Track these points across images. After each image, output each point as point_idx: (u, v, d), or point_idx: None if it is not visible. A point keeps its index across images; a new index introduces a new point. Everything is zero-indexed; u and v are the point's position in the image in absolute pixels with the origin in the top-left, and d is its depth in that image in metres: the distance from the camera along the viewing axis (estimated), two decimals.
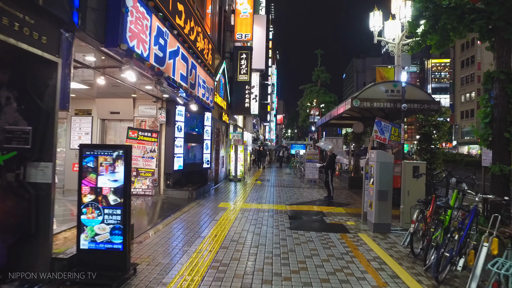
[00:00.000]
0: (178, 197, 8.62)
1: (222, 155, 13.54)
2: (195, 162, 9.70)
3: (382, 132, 7.35)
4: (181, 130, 8.93)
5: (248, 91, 14.61)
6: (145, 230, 5.31)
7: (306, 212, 7.46)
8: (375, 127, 7.41)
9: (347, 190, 11.88)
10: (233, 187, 11.76)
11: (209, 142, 10.49)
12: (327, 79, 30.10)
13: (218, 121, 12.35)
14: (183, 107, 8.91)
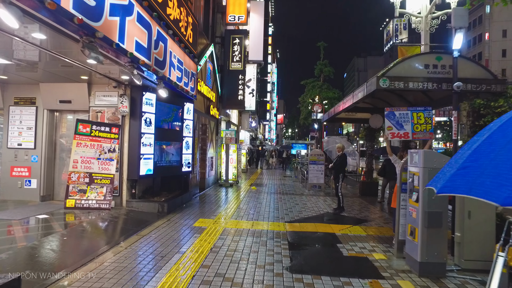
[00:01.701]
0: (146, 210, 6.64)
1: (211, 155, 11.56)
2: (171, 165, 7.72)
3: (400, 126, 5.28)
4: (151, 124, 6.95)
5: (242, 81, 12.63)
6: (56, 280, 3.33)
7: (312, 234, 5.48)
8: (386, 122, 5.42)
9: (359, 198, 9.89)
10: (222, 195, 9.76)
11: (190, 140, 8.51)
12: (331, 73, 28.03)
13: (204, 115, 10.37)
14: (153, 94, 6.94)
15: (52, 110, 7.15)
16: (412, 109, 5.34)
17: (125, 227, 5.48)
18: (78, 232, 4.88)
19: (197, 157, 9.56)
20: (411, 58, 4.97)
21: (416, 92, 6.80)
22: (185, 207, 7.50)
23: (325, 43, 28.30)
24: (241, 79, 12.60)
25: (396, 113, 5.42)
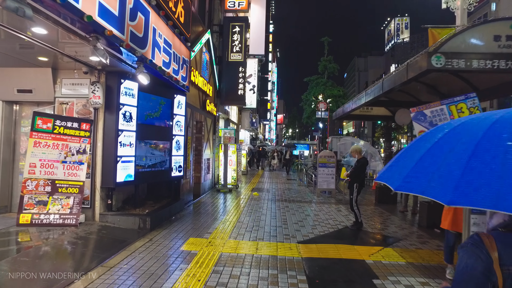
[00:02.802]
0: (124, 226, 5.34)
1: (207, 157, 10.27)
2: (157, 169, 6.42)
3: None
4: (131, 119, 5.66)
5: (243, 74, 11.34)
6: None
7: (335, 263, 4.18)
8: (416, 126, 4.17)
9: (376, 206, 8.60)
10: (219, 203, 8.46)
11: (181, 139, 7.21)
12: (335, 70, 26.72)
13: (199, 111, 9.08)
14: (135, 83, 5.65)
15: (10, 102, 5.85)
16: (448, 102, 4.06)
17: (90, 253, 4.17)
18: (17, 264, 3.57)
19: (191, 159, 8.26)
20: (475, 28, 3.69)
21: (453, 80, 5.54)
22: (174, 221, 6.20)
23: (329, 38, 27.02)
24: (241, 72, 11.31)
25: (427, 112, 4.15)
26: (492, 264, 0.90)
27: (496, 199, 0.76)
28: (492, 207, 0.76)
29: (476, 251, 0.94)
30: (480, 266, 0.92)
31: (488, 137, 0.88)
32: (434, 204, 6.36)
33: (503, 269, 0.89)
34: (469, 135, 0.94)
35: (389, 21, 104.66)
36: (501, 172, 0.78)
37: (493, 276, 0.90)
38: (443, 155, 0.93)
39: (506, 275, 0.88)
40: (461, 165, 0.85)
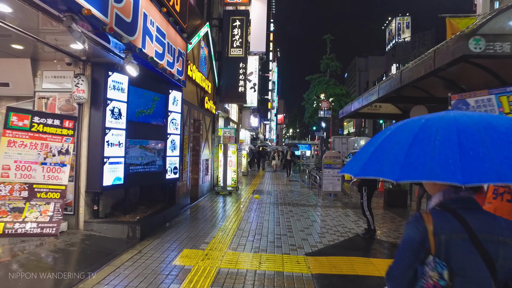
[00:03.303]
0: (111, 235, 4.79)
1: (206, 157, 9.71)
2: (150, 170, 5.86)
3: None
4: (121, 116, 5.11)
5: (243, 70, 10.79)
6: None
7: (351, 282, 3.62)
8: None
9: (385, 210, 8.04)
10: (218, 207, 7.90)
11: (177, 138, 6.66)
12: (338, 68, 26.10)
13: (197, 109, 8.52)
14: (124, 76, 5.10)
15: None
16: (498, 91, 3.52)
17: (67, 270, 3.61)
18: None
19: (188, 160, 7.71)
20: None
21: (476, 73, 4.97)
22: (168, 228, 5.64)
23: (331, 35, 26.41)
24: (242, 68, 10.75)
25: (470, 101, 3.63)
26: (428, 234, 1.15)
27: (429, 173, 1.02)
28: (426, 179, 1.02)
29: (416, 225, 1.18)
30: (418, 237, 1.16)
31: (422, 130, 1.16)
32: None
33: (435, 237, 1.13)
34: (410, 130, 1.21)
35: (390, 20, 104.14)
36: (432, 154, 1.05)
37: (427, 243, 1.14)
38: (391, 146, 1.19)
39: (437, 242, 1.13)
40: (404, 152, 1.12)
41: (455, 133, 1.07)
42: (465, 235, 1.11)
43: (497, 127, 1.08)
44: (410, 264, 1.17)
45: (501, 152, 0.99)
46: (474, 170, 0.96)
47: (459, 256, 1.10)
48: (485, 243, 1.10)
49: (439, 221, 1.15)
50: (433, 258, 1.11)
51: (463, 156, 0.99)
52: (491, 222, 1.14)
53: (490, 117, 1.17)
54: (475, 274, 1.09)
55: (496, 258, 1.09)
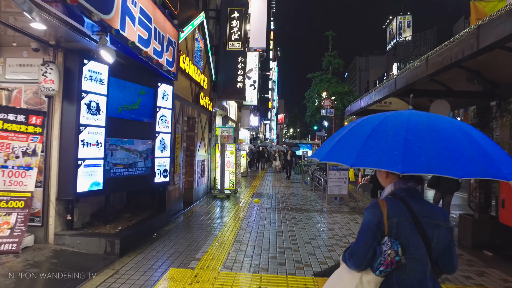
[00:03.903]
0: (86, 250, 4.10)
1: (202, 158, 9.02)
2: (135, 174, 5.16)
3: None
4: (99, 112, 4.42)
5: (242, 65, 10.09)
6: None
7: None
8: None
9: None
10: (214, 213, 7.21)
11: (168, 137, 5.96)
12: (340, 66, 25.33)
13: (192, 106, 7.82)
14: (104, 66, 4.41)
15: None
16: None
17: None
18: None
19: (180, 161, 7.01)
20: None
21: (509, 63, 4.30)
22: (156, 239, 4.94)
23: (333, 32, 25.64)
24: (240, 62, 10.06)
25: None
26: (383, 217, 1.34)
27: (377, 162, 1.20)
28: (374, 166, 1.20)
29: (374, 210, 1.38)
30: (376, 220, 1.35)
31: (380, 125, 1.34)
32: (480, 219, 5.12)
33: (389, 220, 1.33)
34: (370, 124, 1.39)
35: (391, 19, 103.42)
36: (383, 146, 1.23)
37: (382, 225, 1.34)
38: (352, 137, 1.38)
39: (390, 224, 1.33)
40: (361, 142, 1.30)
41: (405, 129, 1.27)
42: (410, 218, 1.34)
43: (438, 127, 1.28)
44: (370, 243, 1.35)
45: (435, 148, 1.18)
46: (412, 162, 1.16)
47: (405, 236, 1.33)
48: (425, 225, 1.34)
49: (391, 207, 1.36)
50: (388, 238, 1.32)
51: (406, 150, 1.19)
52: (430, 209, 1.38)
53: (437, 118, 1.36)
54: (416, 251, 1.32)
55: (432, 238, 1.33)
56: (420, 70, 3.96)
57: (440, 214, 1.38)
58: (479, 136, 1.28)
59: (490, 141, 1.29)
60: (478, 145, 1.22)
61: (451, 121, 1.34)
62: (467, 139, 1.23)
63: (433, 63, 3.61)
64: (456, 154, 1.16)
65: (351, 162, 1.26)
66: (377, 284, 1.35)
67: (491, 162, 1.17)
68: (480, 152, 1.19)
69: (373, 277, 1.35)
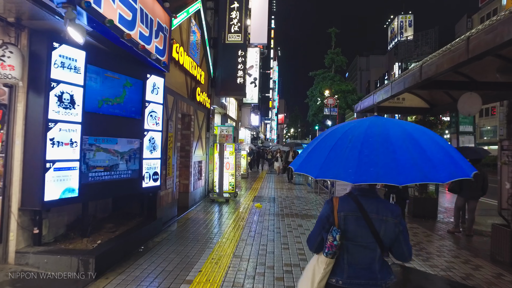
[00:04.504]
0: (54, 270, 3.41)
1: (198, 159, 8.33)
2: (119, 178, 4.47)
3: None
4: (74, 105, 3.75)
5: (242, 59, 9.40)
6: None
7: None
8: None
9: (411, 223, 6.67)
10: (211, 221, 6.53)
11: (158, 136, 5.28)
12: (343, 64, 24.59)
13: (187, 101, 7.13)
14: (81, 51, 3.75)
15: None
16: None
17: None
18: None
19: (174, 162, 6.32)
20: None
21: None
22: (142, 254, 4.26)
23: (336, 29, 24.89)
24: (240, 56, 9.37)
25: None
26: (333, 211, 1.64)
27: (336, 174, 1.40)
28: (334, 178, 1.42)
29: (326, 205, 1.70)
30: (326, 213, 1.68)
31: (341, 138, 1.52)
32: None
33: (338, 214, 1.62)
34: (334, 135, 1.59)
35: (392, 18, 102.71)
36: (341, 159, 1.41)
37: (331, 218, 1.64)
38: (320, 149, 1.56)
39: (339, 217, 1.62)
40: (325, 155, 1.49)
41: (360, 142, 1.44)
42: (359, 213, 1.61)
43: (391, 138, 1.45)
44: (319, 231, 1.70)
45: (384, 159, 1.36)
46: (363, 173, 1.34)
47: (353, 227, 1.61)
48: (373, 219, 1.60)
49: (342, 203, 1.65)
50: (332, 228, 1.62)
51: (359, 162, 1.36)
52: (379, 206, 1.63)
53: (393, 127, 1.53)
54: (363, 240, 1.60)
55: (379, 230, 1.59)
56: (457, 54, 3.27)
57: (389, 211, 1.62)
58: (427, 143, 1.43)
59: (438, 145, 1.44)
60: (424, 152, 1.38)
61: (404, 130, 1.50)
62: (415, 147, 1.40)
63: (478, 42, 2.91)
64: (401, 163, 1.33)
65: (315, 174, 1.47)
66: (328, 264, 1.62)
67: (433, 167, 1.34)
68: (424, 159, 1.35)
69: (323, 258, 1.63)
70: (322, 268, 1.64)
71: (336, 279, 1.63)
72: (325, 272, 1.63)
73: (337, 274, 1.64)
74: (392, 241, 1.63)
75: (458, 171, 1.35)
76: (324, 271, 1.63)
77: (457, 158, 1.41)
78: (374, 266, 1.61)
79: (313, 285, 1.65)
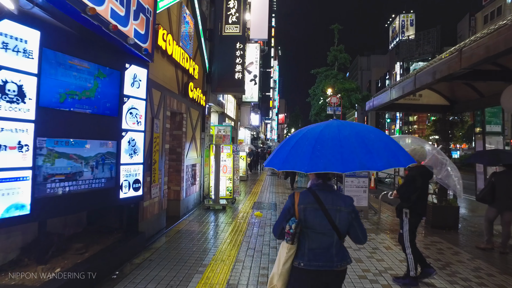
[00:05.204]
0: None
1: (192, 162, 7.54)
2: (89, 188, 3.67)
3: None
4: (23, 99, 2.94)
5: (241, 52, 8.60)
6: None
7: None
8: None
9: (431, 234, 5.87)
10: (204, 233, 5.74)
11: (140, 137, 4.47)
12: (347, 61, 23.73)
13: (178, 98, 6.33)
14: (34, 30, 2.95)
15: None
16: None
17: None
18: None
19: (162, 167, 5.52)
20: None
21: None
22: (113, 283, 3.46)
23: (339, 25, 24.03)
24: (239, 49, 8.57)
25: None
26: (294, 204, 1.91)
27: (293, 166, 1.71)
28: (292, 169, 1.71)
29: (289, 199, 1.96)
30: (288, 205, 1.95)
31: (301, 137, 1.83)
32: None
33: (298, 206, 1.89)
34: (295, 136, 1.90)
35: (393, 18, 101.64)
36: (299, 154, 1.72)
37: (292, 209, 1.91)
38: (284, 147, 1.88)
39: (299, 209, 1.88)
40: (287, 152, 1.80)
41: (315, 140, 1.74)
42: (317, 205, 1.87)
43: (340, 136, 1.74)
44: (281, 221, 1.95)
45: (331, 153, 1.65)
46: (314, 164, 1.64)
47: (312, 217, 1.86)
48: (329, 210, 1.86)
49: (302, 197, 1.91)
50: (291, 218, 1.87)
51: (312, 155, 1.66)
52: (334, 198, 1.90)
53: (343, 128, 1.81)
54: (321, 228, 1.85)
55: (335, 219, 1.85)
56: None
57: (342, 202, 1.90)
58: (371, 139, 1.72)
59: (381, 141, 1.74)
60: (365, 146, 1.66)
61: (353, 129, 1.79)
62: (358, 143, 1.69)
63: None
64: (345, 155, 1.62)
65: (278, 167, 1.81)
66: (290, 249, 1.87)
67: (371, 158, 1.62)
68: (364, 151, 1.64)
69: (285, 244, 1.89)
70: (285, 252, 1.87)
71: (298, 262, 1.87)
72: (288, 256, 1.87)
73: (299, 258, 1.87)
74: (347, 228, 1.89)
75: (393, 161, 1.65)
76: (287, 255, 1.87)
77: (395, 151, 1.70)
78: (332, 251, 1.85)
79: (279, 267, 1.89)
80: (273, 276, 1.93)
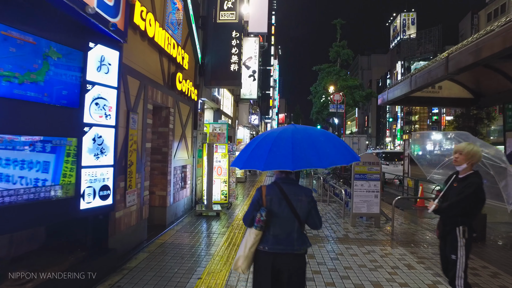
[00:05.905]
0: None
1: (181, 164, 6.71)
2: (36, 198, 2.84)
3: None
4: None
5: (237, 42, 7.77)
6: None
7: None
8: None
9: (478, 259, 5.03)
10: (191, 249, 4.92)
11: (110, 133, 3.64)
12: (349, 58, 22.88)
13: (163, 90, 5.50)
14: None
15: None
16: None
17: None
18: None
19: (142, 169, 4.69)
20: None
21: None
22: None
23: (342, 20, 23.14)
24: (235, 38, 7.74)
25: None
26: (262, 196, 2.14)
27: (254, 165, 2.00)
28: (252, 168, 2.05)
29: (257, 192, 2.18)
30: (256, 197, 2.17)
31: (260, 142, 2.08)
32: None
33: (266, 197, 2.13)
34: (255, 140, 2.15)
35: (394, 16, 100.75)
36: (264, 155, 1.93)
37: (260, 200, 2.14)
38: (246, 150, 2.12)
39: (266, 200, 2.12)
40: (248, 153, 2.05)
41: (271, 143, 1.97)
42: (281, 196, 2.11)
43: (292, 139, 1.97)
44: (251, 211, 2.16)
45: (284, 153, 1.89)
46: (270, 163, 1.89)
47: (276, 207, 2.10)
48: (291, 200, 2.10)
49: (268, 189, 2.16)
50: (261, 207, 2.10)
51: (268, 156, 1.90)
52: (296, 189, 2.16)
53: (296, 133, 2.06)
54: (285, 215, 2.10)
55: (296, 208, 2.10)
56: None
57: (303, 192, 2.17)
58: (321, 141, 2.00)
59: (331, 143, 2.01)
60: (314, 147, 1.94)
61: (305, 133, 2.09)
62: (308, 144, 1.96)
63: None
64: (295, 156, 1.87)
65: (241, 166, 2.10)
66: (257, 235, 2.09)
67: (318, 158, 1.89)
68: (313, 152, 1.91)
69: (254, 230, 2.10)
70: (252, 237, 2.11)
71: (263, 246, 2.11)
72: (255, 241, 2.11)
73: (263, 242, 2.11)
74: (306, 215, 2.15)
75: (338, 160, 1.95)
76: (254, 240, 2.11)
77: (344, 152, 1.99)
78: (293, 236, 2.11)
79: (245, 250, 2.12)
80: (238, 259, 2.14)
